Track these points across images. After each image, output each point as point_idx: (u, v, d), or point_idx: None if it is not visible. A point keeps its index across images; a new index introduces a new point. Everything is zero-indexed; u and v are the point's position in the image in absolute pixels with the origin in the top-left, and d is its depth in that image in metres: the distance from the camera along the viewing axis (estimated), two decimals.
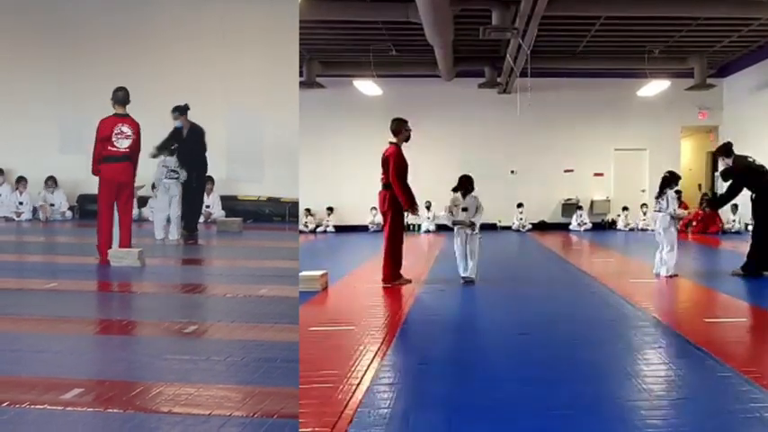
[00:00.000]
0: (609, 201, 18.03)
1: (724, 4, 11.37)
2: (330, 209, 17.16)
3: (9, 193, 12.96)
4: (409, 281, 7.73)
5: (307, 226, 16.86)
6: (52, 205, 12.89)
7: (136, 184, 8.45)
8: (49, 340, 4.58)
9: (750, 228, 11.38)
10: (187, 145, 10.00)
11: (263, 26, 11.98)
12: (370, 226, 16.76)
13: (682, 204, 16.13)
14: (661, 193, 8.40)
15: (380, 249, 7.91)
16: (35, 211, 12.88)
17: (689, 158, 20.45)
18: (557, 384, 3.81)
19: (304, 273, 7.10)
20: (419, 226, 17.58)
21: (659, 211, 8.40)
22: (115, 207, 7.79)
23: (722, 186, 17.53)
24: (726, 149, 8.72)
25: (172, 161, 9.85)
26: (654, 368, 4.21)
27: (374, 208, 16.34)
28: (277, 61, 11.67)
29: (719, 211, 16.43)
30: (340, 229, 16.92)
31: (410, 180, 7.78)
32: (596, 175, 18.16)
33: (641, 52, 15.12)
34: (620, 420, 3.24)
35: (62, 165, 12.73)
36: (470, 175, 8.17)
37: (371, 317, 5.99)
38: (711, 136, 18.80)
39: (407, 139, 7.75)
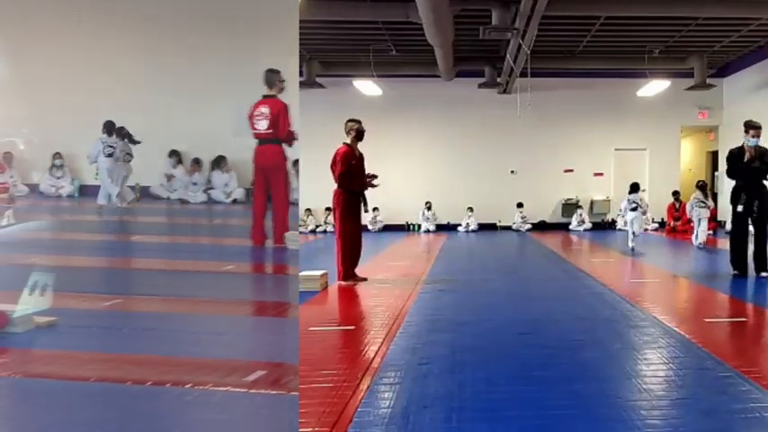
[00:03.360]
0: (609, 201, 18.04)
1: (724, 4, 11.37)
2: (329, 209, 17.15)
3: (183, 175, 12.92)
4: (364, 279, 7.72)
5: (306, 226, 16.87)
6: (226, 185, 12.96)
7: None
8: (228, 322, 4.67)
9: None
10: None
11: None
12: (369, 226, 16.76)
13: (682, 205, 16.33)
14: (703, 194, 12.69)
15: (380, 249, 7.93)
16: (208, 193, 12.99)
17: (689, 158, 20.45)
18: (556, 384, 3.81)
19: (304, 273, 7.10)
20: (419, 226, 17.59)
21: (705, 208, 12.52)
22: None
23: (722, 186, 17.62)
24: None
25: (109, 139, 10.61)
26: (654, 368, 4.21)
27: (376, 208, 16.35)
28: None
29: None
30: None
31: (410, 180, 7.85)
32: (596, 175, 18.16)
33: (641, 52, 15.12)
34: (620, 420, 3.23)
35: (236, 147, 12.46)
36: (638, 182, 12.65)
37: (371, 317, 5.98)
38: (711, 136, 18.81)
39: (359, 136, 7.68)
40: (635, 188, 12.26)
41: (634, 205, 11.97)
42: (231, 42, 12.56)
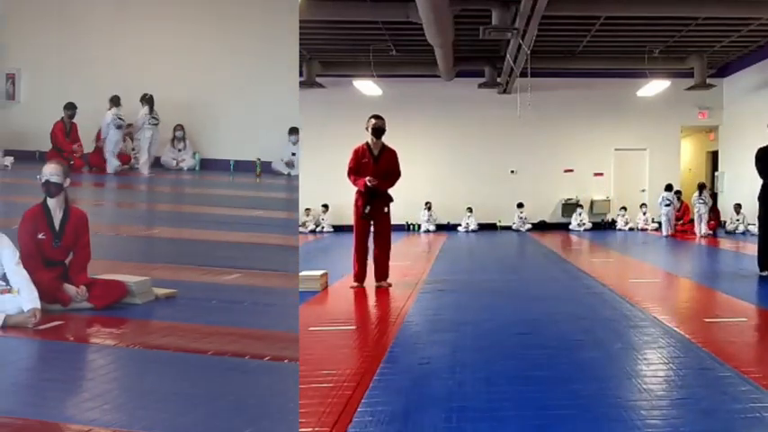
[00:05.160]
0: (609, 201, 18.04)
1: (724, 4, 11.37)
2: (325, 206, 17.09)
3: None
4: (360, 287, 7.35)
5: (306, 226, 16.84)
6: None
7: None
8: None
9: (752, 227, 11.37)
10: None
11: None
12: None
13: (683, 204, 16.39)
14: (701, 193, 14.82)
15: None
16: None
17: (689, 158, 20.46)
18: (556, 384, 3.81)
19: (304, 273, 7.09)
20: (419, 226, 17.59)
21: (704, 204, 14.69)
22: None
23: (722, 186, 17.64)
24: None
25: (118, 111, 11.68)
26: (654, 368, 4.21)
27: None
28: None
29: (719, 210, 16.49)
30: (339, 229, 16.89)
31: (410, 180, 7.65)
32: (596, 175, 18.16)
33: (641, 52, 15.12)
34: (620, 420, 3.23)
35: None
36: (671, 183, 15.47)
37: (371, 317, 5.98)
38: (711, 136, 18.81)
39: (376, 132, 7.38)
40: (669, 188, 15.29)
41: (668, 201, 14.97)
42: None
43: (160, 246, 6.77)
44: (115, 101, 11.78)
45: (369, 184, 7.21)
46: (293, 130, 12.51)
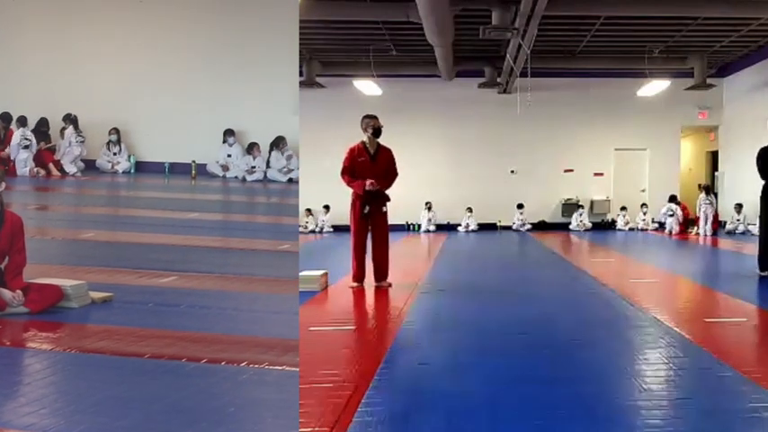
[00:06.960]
0: (609, 201, 18.04)
1: (724, 4, 11.36)
2: (327, 207, 17.08)
3: (240, 155, 12.59)
4: (359, 287, 7.35)
5: (306, 227, 16.84)
6: (284, 167, 12.65)
7: None
8: (284, 301, 4.82)
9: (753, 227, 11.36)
10: None
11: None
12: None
13: (682, 206, 16.38)
14: (708, 194, 15.59)
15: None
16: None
17: (689, 158, 20.45)
18: (556, 384, 3.81)
19: (304, 273, 7.08)
20: (419, 226, 17.59)
21: (710, 204, 15.47)
22: None
23: (723, 186, 17.63)
24: None
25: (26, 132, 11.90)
26: (654, 368, 4.21)
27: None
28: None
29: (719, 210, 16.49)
30: (339, 229, 16.89)
31: (410, 180, 7.63)
32: (596, 175, 18.16)
33: (641, 52, 15.12)
34: (619, 420, 3.23)
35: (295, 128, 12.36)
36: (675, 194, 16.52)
37: (371, 317, 5.97)
38: (711, 136, 18.81)
39: (374, 132, 7.35)
40: (672, 198, 16.45)
41: (671, 212, 16.16)
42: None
43: (96, 249, 6.75)
44: (22, 121, 12.01)
45: (370, 188, 7.19)
46: (229, 132, 12.54)
